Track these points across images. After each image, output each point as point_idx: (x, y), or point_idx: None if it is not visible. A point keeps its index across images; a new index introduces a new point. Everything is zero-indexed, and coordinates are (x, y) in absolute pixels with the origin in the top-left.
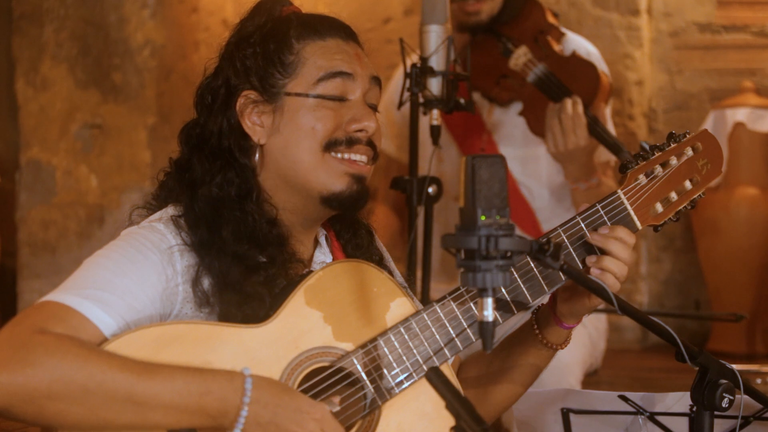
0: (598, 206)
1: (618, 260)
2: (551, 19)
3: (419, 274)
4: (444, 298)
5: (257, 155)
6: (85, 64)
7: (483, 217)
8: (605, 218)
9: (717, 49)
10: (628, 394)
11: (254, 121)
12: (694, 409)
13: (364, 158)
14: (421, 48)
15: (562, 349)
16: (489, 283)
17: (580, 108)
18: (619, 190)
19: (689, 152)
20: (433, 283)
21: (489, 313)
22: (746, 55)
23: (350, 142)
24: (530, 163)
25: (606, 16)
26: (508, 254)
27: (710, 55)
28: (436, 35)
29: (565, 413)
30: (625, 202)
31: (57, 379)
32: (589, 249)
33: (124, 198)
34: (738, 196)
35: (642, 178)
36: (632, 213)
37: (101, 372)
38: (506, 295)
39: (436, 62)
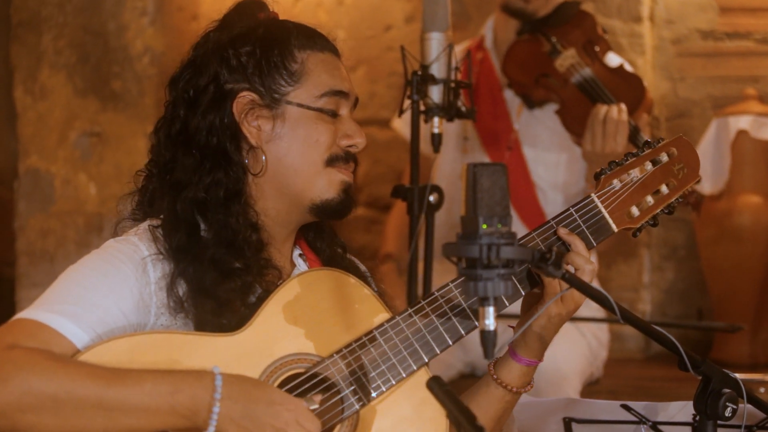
0: (572, 210)
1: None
2: (601, 33)
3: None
4: (419, 303)
5: (250, 157)
6: (84, 72)
7: (484, 226)
8: (579, 221)
9: (720, 57)
10: (631, 404)
11: (251, 124)
12: (697, 418)
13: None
14: (422, 56)
15: (522, 392)
16: (491, 291)
17: (625, 116)
18: (592, 194)
19: (664, 158)
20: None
21: (490, 322)
22: (749, 62)
23: (347, 160)
24: (550, 168)
25: (608, 23)
26: (510, 263)
27: (713, 63)
28: (437, 43)
29: (567, 423)
30: (599, 205)
31: (27, 391)
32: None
33: (123, 206)
34: (741, 204)
35: (616, 183)
36: (607, 216)
37: (70, 381)
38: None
39: (437, 70)
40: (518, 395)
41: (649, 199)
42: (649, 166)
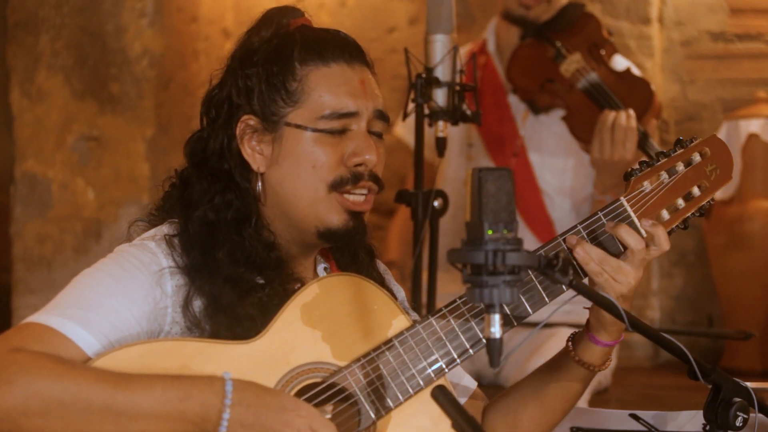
0: (600, 214)
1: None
2: (606, 35)
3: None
4: (440, 310)
5: (258, 182)
6: (82, 74)
7: (490, 232)
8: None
9: (730, 59)
10: (640, 413)
11: (254, 148)
12: (707, 428)
13: (365, 192)
14: (426, 58)
15: (601, 370)
16: (496, 299)
17: (634, 122)
18: (621, 198)
19: (697, 158)
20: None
21: (496, 329)
22: (760, 64)
23: (356, 180)
24: (557, 173)
25: (616, 24)
26: (516, 269)
27: (723, 65)
28: (441, 45)
29: None
30: (628, 209)
31: (32, 394)
32: None
33: (122, 211)
34: (752, 209)
35: (647, 185)
36: (636, 220)
37: (77, 384)
38: (505, 308)
39: (442, 72)
40: (596, 372)
41: (680, 201)
42: (680, 167)
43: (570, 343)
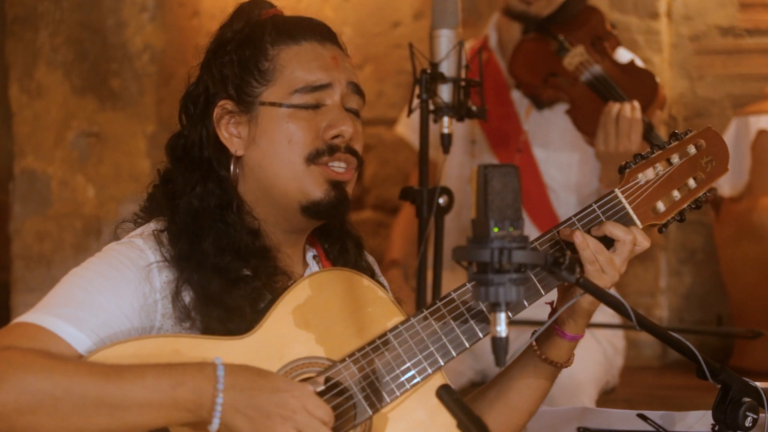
0: (595, 206)
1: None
2: (609, 28)
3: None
4: (434, 304)
5: (235, 167)
6: (82, 70)
7: (496, 229)
8: (602, 218)
9: (740, 54)
10: (647, 413)
11: (231, 132)
12: (716, 428)
13: (344, 165)
14: (431, 53)
15: (565, 366)
16: (502, 297)
17: (639, 113)
18: (616, 189)
19: (692, 150)
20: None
21: (502, 328)
22: None
23: (332, 151)
24: (563, 169)
25: (624, 19)
26: (522, 267)
27: (733, 60)
28: (447, 40)
29: None
30: (623, 200)
31: (24, 391)
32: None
33: (122, 209)
34: (762, 206)
35: (641, 177)
36: (631, 212)
37: (68, 378)
38: None
39: (447, 68)
40: (561, 369)
41: (676, 193)
42: (675, 159)
43: (534, 343)
